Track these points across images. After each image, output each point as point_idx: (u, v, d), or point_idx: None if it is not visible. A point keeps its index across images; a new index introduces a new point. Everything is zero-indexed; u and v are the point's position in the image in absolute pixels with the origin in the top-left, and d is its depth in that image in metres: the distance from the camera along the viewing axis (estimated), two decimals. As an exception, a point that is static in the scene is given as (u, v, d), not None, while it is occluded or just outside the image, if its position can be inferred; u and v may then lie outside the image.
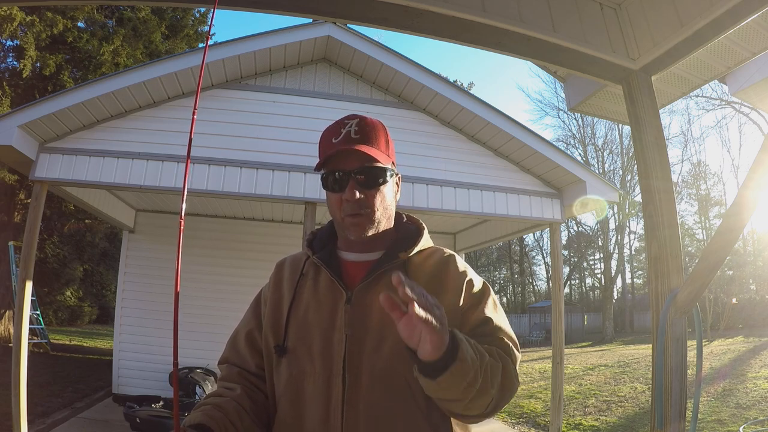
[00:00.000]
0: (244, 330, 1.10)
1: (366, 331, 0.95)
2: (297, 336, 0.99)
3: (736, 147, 37.88)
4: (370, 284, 0.99)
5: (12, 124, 4.08)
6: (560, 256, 5.63)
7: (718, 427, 5.83)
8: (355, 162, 0.99)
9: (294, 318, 1.01)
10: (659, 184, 1.63)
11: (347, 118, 1.03)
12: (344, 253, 1.08)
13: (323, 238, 1.13)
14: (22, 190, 10.82)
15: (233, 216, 7.27)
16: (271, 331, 1.03)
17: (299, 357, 0.97)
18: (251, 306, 1.14)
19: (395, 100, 5.45)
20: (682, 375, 1.45)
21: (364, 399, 0.91)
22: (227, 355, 1.10)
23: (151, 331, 6.57)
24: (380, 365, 0.92)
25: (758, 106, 3.60)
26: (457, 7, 1.56)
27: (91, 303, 20.82)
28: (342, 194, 0.99)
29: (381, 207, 1.01)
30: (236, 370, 1.06)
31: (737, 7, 1.45)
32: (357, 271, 1.03)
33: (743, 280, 18.91)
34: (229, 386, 1.02)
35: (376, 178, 1.00)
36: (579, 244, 28.94)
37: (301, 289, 1.04)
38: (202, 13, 13.71)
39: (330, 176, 1.00)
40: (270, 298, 1.08)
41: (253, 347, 1.07)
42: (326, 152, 1.01)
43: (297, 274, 1.07)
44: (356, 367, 0.93)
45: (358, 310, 0.97)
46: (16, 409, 3.80)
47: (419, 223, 1.13)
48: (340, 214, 1.01)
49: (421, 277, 1.00)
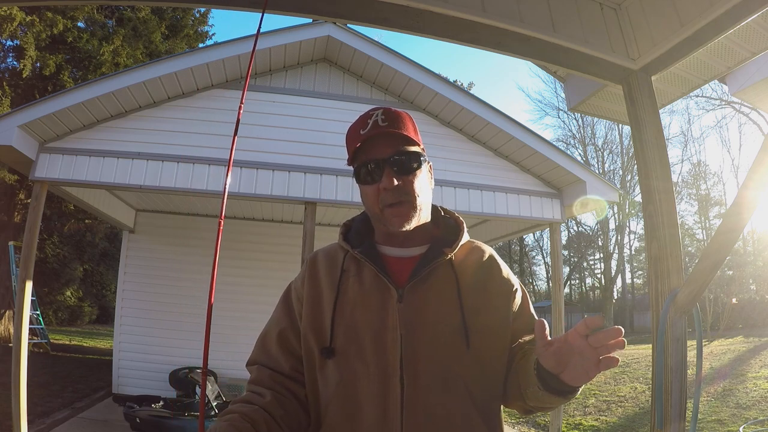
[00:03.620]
0: (275, 330, 1.03)
1: (421, 330, 0.92)
2: (346, 337, 0.94)
3: (736, 147, 37.83)
4: (419, 281, 0.95)
5: (12, 124, 4.08)
6: (560, 256, 5.63)
7: (718, 427, 5.82)
8: (387, 149, 0.96)
9: (340, 318, 0.95)
10: (659, 184, 1.63)
11: (372, 110, 1.00)
12: (384, 248, 1.02)
13: (359, 231, 1.07)
14: (22, 190, 10.82)
15: (233, 216, 7.27)
16: (312, 331, 0.97)
17: (350, 359, 0.93)
18: (280, 304, 1.06)
19: (395, 100, 5.44)
20: (682, 375, 1.45)
21: (422, 400, 0.89)
22: (256, 357, 1.03)
23: (151, 331, 6.57)
24: (438, 366, 0.90)
25: (758, 106, 3.60)
26: (457, 7, 1.56)
27: (91, 303, 20.83)
28: (379, 184, 0.95)
29: (420, 193, 0.98)
30: (268, 373, 0.99)
31: (737, 7, 1.45)
32: (401, 268, 0.98)
33: (743, 280, 18.90)
34: (259, 391, 0.96)
35: (411, 163, 0.97)
36: (579, 244, 28.95)
37: (345, 286, 0.98)
38: (202, 13, 13.72)
39: (363, 168, 0.96)
40: (307, 296, 1.01)
41: (286, 349, 1.01)
42: (356, 143, 0.96)
43: (337, 269, 1.01)
44: (413, 368, 0.90)
45: (410, 309, 0.93)
46: (16, 409, 3.80)
47: (457, 218, 1.09)
48: (378, 206, 0.96)
49: (468, 274, 0.99)
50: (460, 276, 0.97)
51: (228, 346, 5.95)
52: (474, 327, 0.93)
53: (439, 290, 0.95)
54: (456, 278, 0.97)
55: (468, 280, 0.98)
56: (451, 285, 0.96)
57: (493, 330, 0.96)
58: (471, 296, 0.96)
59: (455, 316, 0.93)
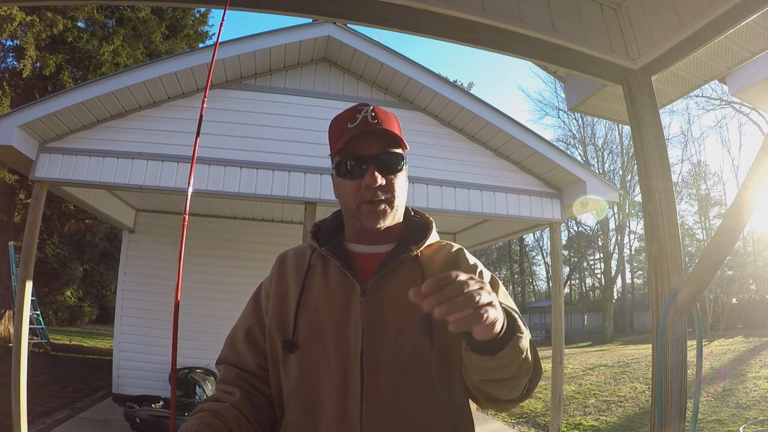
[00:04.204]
0: (242, 328, 1.05)
1: (383, 324, 0.92)
2: (308, 331, 0.95)
3: (736, 147, 37.91)
4: (384, 276, 0.95)
5: (12, 124, 4.08)
6: (560, 256, 5.63)
7: (718, 427, 5.82)
8: (375, 146, 0.96)
9: (304, 312, 0.96)
10: (659, 184, 1.63)
11: (360, 105, 0.99)
12: (353, 245, 1.04)
13: (329, 230, 1.08)
14: (22, 190, 10.82)
15: (233, 216, 7.27)
16: (276, 326, 0.98)
17: (312, 352, 0.93)
18: (250, 302, 1.09)
19: (395, 100, 5.45)
20: (682, 375, 1.45)
21: (383, 394, 0.89)
22: (225, 356, 1.06)
23: (151, 331, 6.56)
24: (400, 360, 0.90)
25: (758, 106, 3.60)
26: (457, 7, 1.56)
27: (91, 303, 20.84)
28: (361, 180, 0.95)
29: (400, 194, 0.99)
30: (235, 371, 1.01)
31: (737, 7, 1.45)
32: (368, 263, 0.99)
33: (743, 280, 18.90)
34: (228, 390, 0.98)
35: (396, 164, 0.97)
36: (579, 244, 28.94)
37: (310, 282, 0.99)
38: (202, 13, 13.71)
39: (348, 161, 0.96)
40: (273, 293, 1.02)
41: (253, 346, 1.03)
42: (343, 136, 0.95)
43: (304, 266, 1.02)
44: (374, 362, 0.90)
45: (373, 303, 0.93)
46: (16, 409, 3.80)
47: (427, 218, 1.10)
48: (356, 201, 0.97)
49: (434, 269, 0.98)
50: (426, 271, 0.97)
51: (228, 346, 5.94)
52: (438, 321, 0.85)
53: (403, 284, 0.94)
54: (422, 273, 0.96)
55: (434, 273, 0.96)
56: (416, 280, 0.95)
57: None
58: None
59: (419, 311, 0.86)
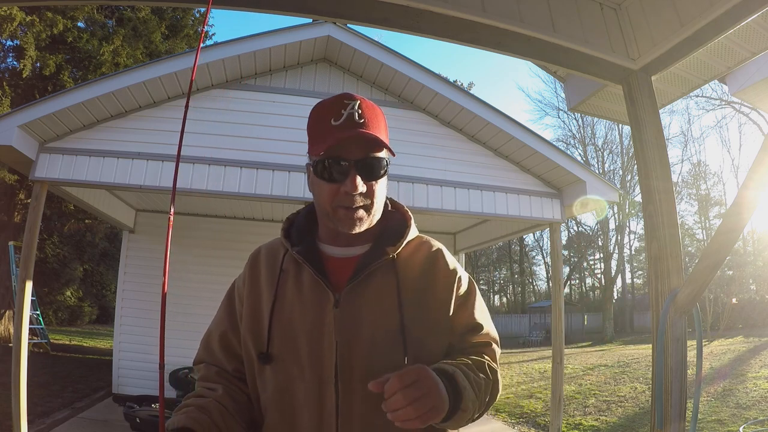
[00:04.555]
0: (217, 332, 1.03)
1: (357, 336, 0.89)
2: (282, 342, 0.92)
3: (736, 147, 37.91)
4: (358, 285, 0.92)
5: (12, 124, 4.07)
6: (560, 256, 5.63)
7: (718, 427, 5.82)
8: (358, 150, 0.90)
9: (277, 322, 0.93)
10: (659, 184, 1.63)
11: (346, 98, 0.92)
12: (326, 246, 0.99)
13: (301, 227, 1.04)
14: (22, 190, 10.82)
15: (233, 216, 7.27)
16: (251, 336, 0.96)
17: (286, 364, 0.91)
18: (223, 303, 1.06)
19: (395, 100, 5.44)
20: (682, 375, 1.45)
21: (357, 407, 0.88)
22: (201, 357, 1.04)
23: (151, 331, 6.55)
24: (373, 373, 0.85)
25: (758, 106, 3.60)
26: (457, 7, 1.56)
27: (91, 303, 20.83)
28: (341, 185, 0.89)
29: (379, 200, 0.95)
30: (215, 369, 1.00)
31: (737, 7, 1.45)
32: (342, 268, 0.95)
33: (743, 280, 18.90)
34: (210, 386, 0.96)
35: (378, 169, 0.92)
36: (579, 244, 28.94)
37: (283, 289, 0.95)
38: (202, 13, 13.71)
39: (329, 162, 0.89)
40: (246, 297, 1.00)
41: (228, 351, 1.01)
42: (327, 136, 0.89)
43: (276, 270, 0.98)
44: (348, 375, 0.88)
45: (347, 315, 0.90)
46: (16, 409, 3.80)
47: (405, 212, 1.05)
48: (331, 204, 0.92)
49: (411, 273, 0.95)
50: (402, 276, 0.94)
51: (228, 346, 5.94)
52: (413, 333, 0.90)
53: (378, 294, 0.92)
54: (397, 280, 0.93)
55: (410, 279, 0.94)
56: (391, 287, 0.92)
57: (433, 333, 0.94)
58: (412, 298, 0.92)
59: (393, 322, 0.90)
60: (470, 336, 0.98)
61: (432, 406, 0.75)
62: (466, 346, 0.98)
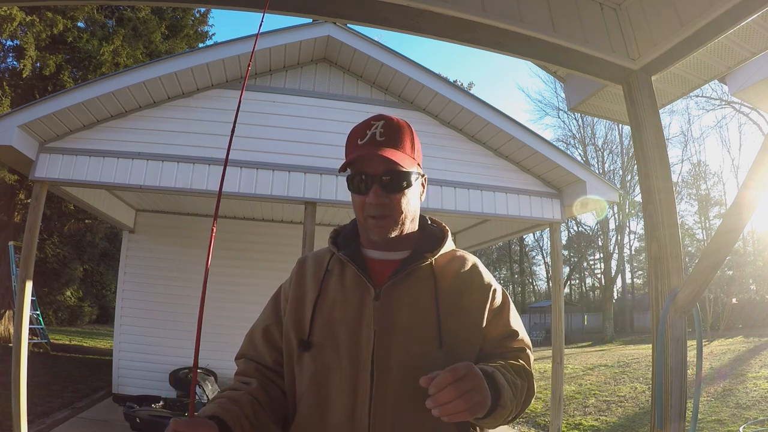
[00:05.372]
0: (261, 326, 1.11)
1: (394, 328, 0.96)
2: (323, 332, 0.99)
3: (736, 147, 37.90)
4: (398, 282, 1.00)
5: (12, 124, 4.07)
6: (560, 256, 5.63)
7: (718, 427, 5.82)
8: (379, 166, 0.99)
9: (320, 314, 1.01)
10: (659, 184, 1.63)
11: (374, 119, 1.03)
12: (369, 251, 1.08)
13: (347, 236, 1.13)
14: (22, 190, 10.82)
15: (233, 216, 7.27)
16: (293, 326, 1.03)
17: (325, 352, 0.98)
18: (270, 302, 1.14)
19: (395, 100, 5.44)
20: (682, 375, 1.45)
21: (391, 395, 0.92)
22: (244, 351, 1.12)
23: (151, 331, 6.57)
24: (408, 363, 0.93)
25: (758, 106, 3.60)
26: (457, 7, 1.56)
27: (91, 303, 20.84)
28: (366, 197, 1.00)
29: (405, 210, 1.02)
30: (253, 365, 1.07)
31: (737, 7, 1.45)
32: (383, 269, 1.03)
33: (743, 280, 18.91)
34: (246, 380, 1.03)
35: (400, 182, 1.00)
36: (579, 244, 28.93)
37: (327, 286, 1.04)
38: (202, 13, 13.72)
39: (355, 178, 1.01)
40: (292, 295, 1.08)
41: (270, 343, 1.08)
42: (351, 154, 1.01)
43: (322, 270, 1.07)
44: (384, 364, 0.94)
45: (386, 307, 0.97)
46: (16, 409, 3.80)
47: (443, 227, 1.14)
48: (363, 215, 1.02)
49: (447, 279, 1.03)
50: (439, 280, 1.02)
51: (228, 346, 5.92)
52: (448, 329, 0.97)
53: (417, 291, 1.00)
54: (435, 281, 1.01)
55: (447, 284, 1.02)
56: (429, 287, 1.00)
57: (467, 332, 1.01)
58: (448, 299, 1.00)
59: (430, 317, 0.97)
60: (507, 342, 1.06)
61: (479, 401, 0.81)
62: (503, 351, 1.05)
